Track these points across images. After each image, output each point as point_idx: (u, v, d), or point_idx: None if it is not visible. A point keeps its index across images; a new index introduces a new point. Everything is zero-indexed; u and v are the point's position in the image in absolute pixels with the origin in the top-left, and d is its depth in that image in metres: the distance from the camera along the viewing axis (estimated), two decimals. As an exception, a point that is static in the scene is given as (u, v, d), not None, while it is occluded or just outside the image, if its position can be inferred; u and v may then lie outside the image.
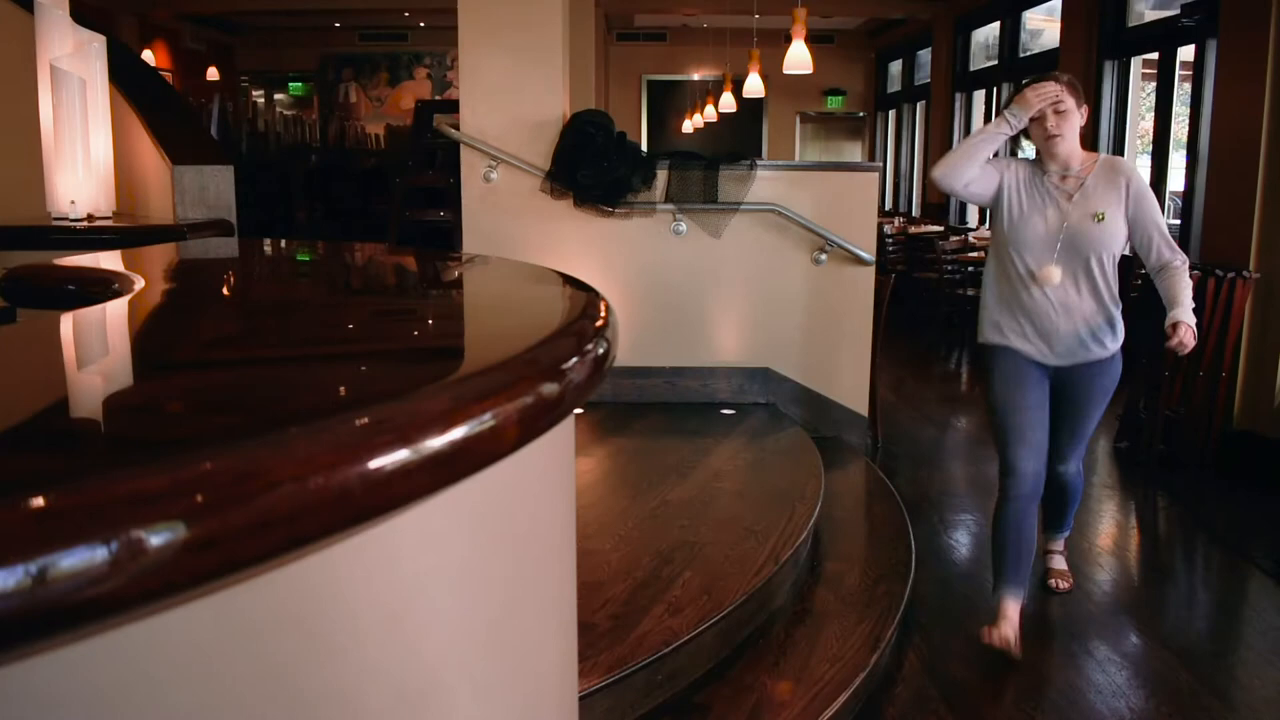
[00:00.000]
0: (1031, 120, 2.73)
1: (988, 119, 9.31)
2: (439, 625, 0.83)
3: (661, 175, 4.56)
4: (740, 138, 13.70)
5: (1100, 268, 2.74)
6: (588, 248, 4.60)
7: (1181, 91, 5.94)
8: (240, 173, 3.74)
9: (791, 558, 2.88)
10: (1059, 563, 3.38)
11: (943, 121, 10.62)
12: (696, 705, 2.34)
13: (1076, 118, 2.74)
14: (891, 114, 13.39)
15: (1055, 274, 2.71)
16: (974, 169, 2.76)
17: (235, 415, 0.66)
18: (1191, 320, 2.62)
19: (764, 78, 9.21)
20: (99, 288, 1.32)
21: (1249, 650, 3.00)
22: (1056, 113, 2.71)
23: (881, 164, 12.94)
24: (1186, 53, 5.63)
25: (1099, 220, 2.69)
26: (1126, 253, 2.86)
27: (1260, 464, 4.36)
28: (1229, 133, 4.73)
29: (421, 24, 12.84)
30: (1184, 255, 2.74)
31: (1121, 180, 2.73)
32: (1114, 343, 2.86)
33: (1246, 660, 2.93)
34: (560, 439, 1.10)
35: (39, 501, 0.44)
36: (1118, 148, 6.71)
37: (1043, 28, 8.66)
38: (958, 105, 10.30)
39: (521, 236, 4.54)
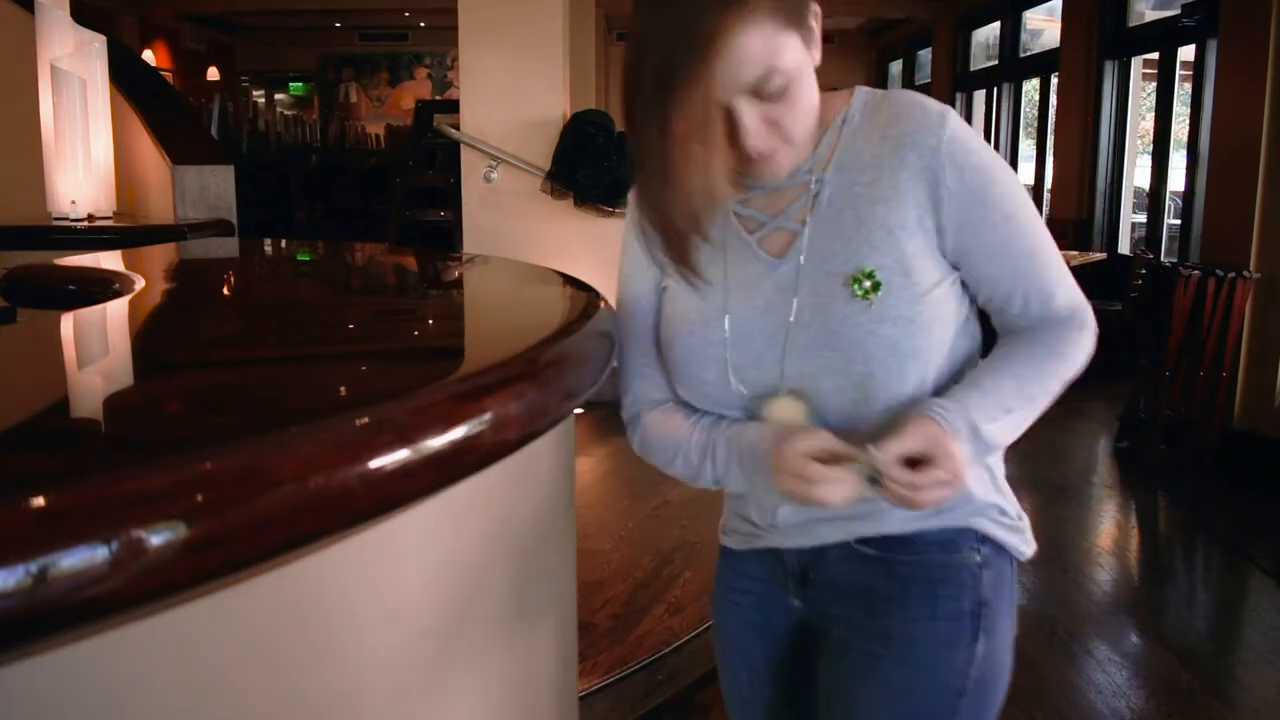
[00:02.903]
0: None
1: (988, 119, 9.28)
2: (439, 625, 0.83)
3: (661, 175, 4.55)
4: (740, 138, 13.65)
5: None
6: (588, 248, 4.60)
7: (1182, 91, 5.94)
8: (240, 173, 3.74)
9: (791, 558, 2.88)
10: None
11: (943, 121, 10.58)
12: (697, 705, 2.34)
13: (802, 73, 0.94)
14: (892, 114, 13.34)
15: (785, 410, 1.01)
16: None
17: (235, 415, 0.66)
18: (985, 436, 0.95)
19: (764, 77, 9.20)
20: (99, 288, 1.33)
21: (1249, 650, 3.00)
22: (761, 96, 0.92)
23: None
24: (1187, 53, 5.63)
25: (864, 292, 0.96)
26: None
27: (1260, 464, 4.36)
28: (1229, 133, 4.73)
29: (422, 24, 12.83)
30: (1089, 311, 1.04)
31: (919, 171, 0.96)
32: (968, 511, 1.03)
33: (1246, 660, 2.93)
34: (560, 439, 1.10)
35: (39, 501, 0.44)
36: (1118, 148, 6.70)
37: (1043, 28, 8.65)
38: (958, 105, 10.29)
39: (521, 236, 4.54)
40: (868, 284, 0.95)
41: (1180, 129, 5.84)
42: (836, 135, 0.99)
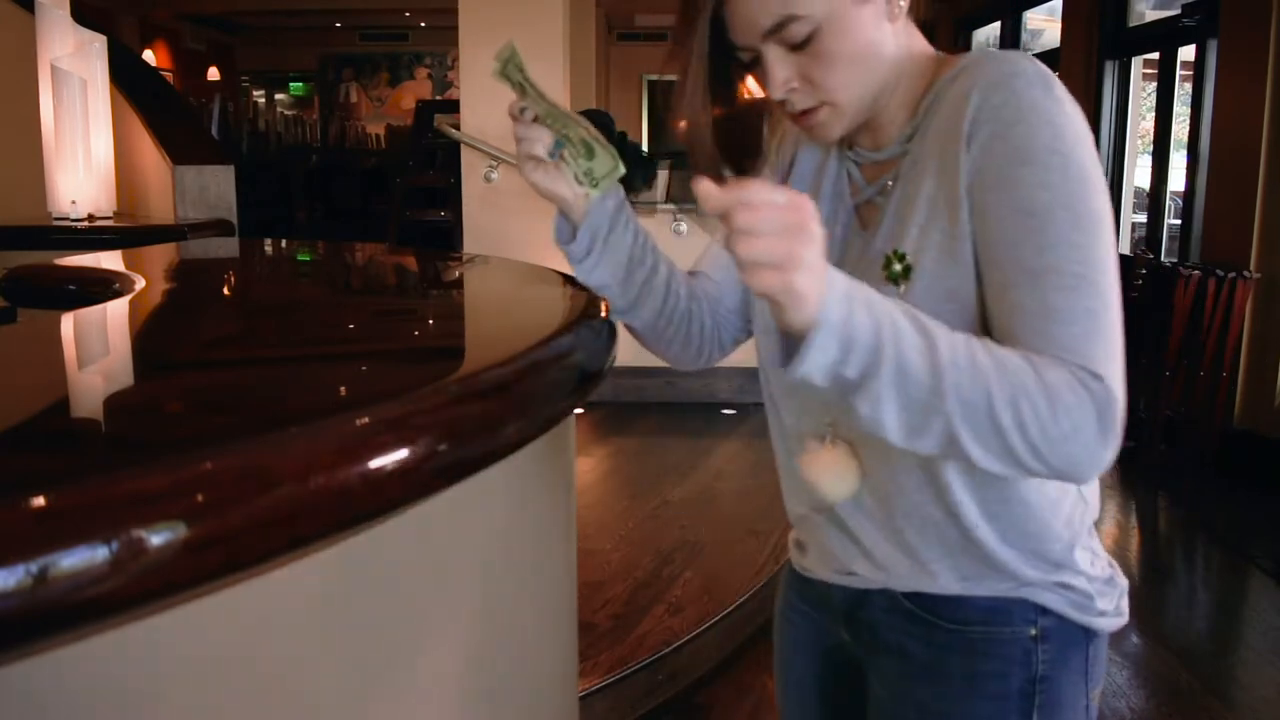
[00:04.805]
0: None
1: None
2: (438, 625, 0.83)
3: (662, 175, 4.56)
4: (740, 138, 13.63)
5: None
6: (588, 248, 4.60)
7: (1182, 91, 5.94)
8: (240, 173, 3.74)
9: (792, 558, 2.88)
10: None
11: (943, 121, 10.58)
12: (697, 705, 2.34)
13: (837, 22, 0.83)
14: (892, 114, 13.35)
15: (820, 466, 0.92)
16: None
17: (235, 415, 0.66)
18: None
19: (764, 78, 9.19)
20: (99, 288, 1.33)
21: (1249, 650, 3.00)
22: (787, 46, 0.85)
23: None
24: (1187, 53, 5.63)
25: (894, 275, 0.85)
26: None
27: (1260, 464, 4.36)
28: (1229, 133, 4.73)
29: (422, 24, 12.83)
30: (1104, 384, 0.86)
31: (962, 134, 0.81)
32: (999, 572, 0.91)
33: (1246, 660, 2.93)
34: (560, 439, 1.10)
35: (39, 501, 0.44)
36: (1118, 148, 6.69)
37: (1043, 28, 8.65)
38: (958, 105, 10.28)
39: (521, 236, 4.54)
40: (898, 266, 0.84)
41: (1180, 129, 5.83)
42: (933, 100, 0.86)
